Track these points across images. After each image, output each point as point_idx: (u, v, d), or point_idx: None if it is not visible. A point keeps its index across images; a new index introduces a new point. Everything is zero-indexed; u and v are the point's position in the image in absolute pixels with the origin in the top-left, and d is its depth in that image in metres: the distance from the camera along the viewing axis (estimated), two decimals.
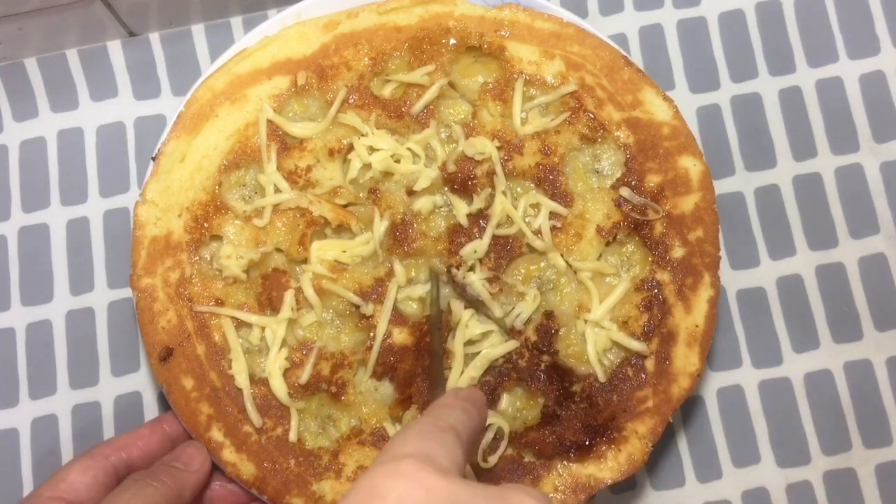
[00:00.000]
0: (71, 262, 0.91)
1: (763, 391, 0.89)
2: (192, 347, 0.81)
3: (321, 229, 0.83)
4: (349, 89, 0.85)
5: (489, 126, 0.85)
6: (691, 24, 0.96)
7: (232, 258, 0.82)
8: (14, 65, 0.95)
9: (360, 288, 0.82)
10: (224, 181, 0.84)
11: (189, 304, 0.82)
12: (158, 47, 0.95)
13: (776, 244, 0.91)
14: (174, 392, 0.81)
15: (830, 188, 0.92)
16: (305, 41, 0.86)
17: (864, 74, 0.95)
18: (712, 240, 0.83)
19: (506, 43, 0.85)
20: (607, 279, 0.83)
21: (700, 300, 0.82)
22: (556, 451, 0.79)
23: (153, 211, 0.83)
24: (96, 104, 0.95)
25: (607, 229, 0.83)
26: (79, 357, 0.90)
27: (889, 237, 0.92)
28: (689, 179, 0.83)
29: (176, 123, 0.84)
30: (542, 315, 0.82)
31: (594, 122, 0.84)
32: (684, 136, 0.84)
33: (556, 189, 0.83)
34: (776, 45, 0.95)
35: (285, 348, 0.81)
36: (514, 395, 0.82)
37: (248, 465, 0.79)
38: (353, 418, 0.81)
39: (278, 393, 0.80)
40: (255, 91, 0.85)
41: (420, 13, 0.86)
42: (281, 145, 0.84)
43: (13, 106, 0.95)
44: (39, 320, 0.90)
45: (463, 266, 0.82)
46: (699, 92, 0.94)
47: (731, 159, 0.93)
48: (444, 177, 0.84)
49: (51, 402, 0.89)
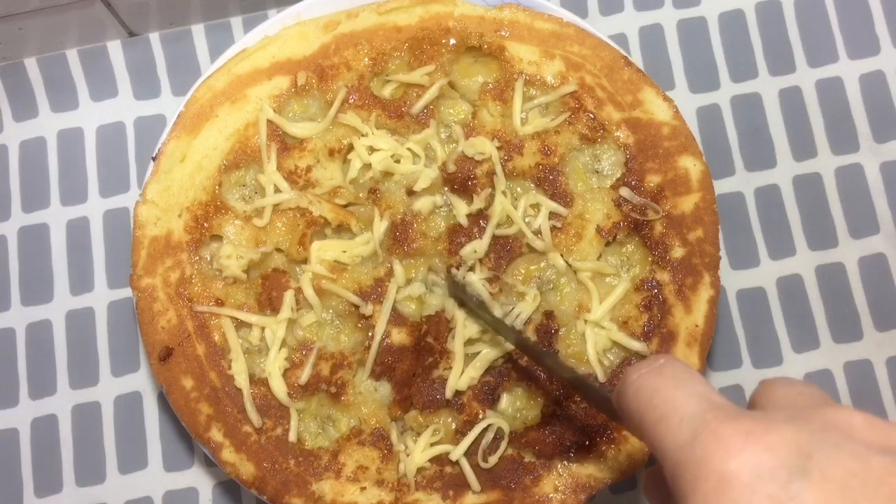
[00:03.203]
0: (71, 262, 0.91)
1: None
2: (191, 347, 0.81)
3: (321, 229, 0.83)
4: (349, 89, 0.85)
5: (489, 126, 0.85)
6: (691, 24, 0.96)
7: (232, 258, 0.82)
8: (14, 65, 0.95)
9: (360, 288, 0.82)
10: (224, 181, 0.84)
11: (189, 304, 0.82)
12: (158, 47, 0.95)
13: (776, 244, 0.91)
14: (174, 392, 0.81)
15: (830, 188, 0.92)
16: (305, 41, 0.86)
17: (864, 74, 0.95)
18: (712, 240, 0.83)
19: (506, 43, 0.85)
20: (607, 279, 0.83)
21: (700, 300, 0.82)
22: (556, 451, 0.79)
23: (153, 211, 0.83)
24: (96, 104, 0.95)
25: (607, 229, 0.83)
26: (79, 357, 0.90)
27: (889, 237, 0.92)
28: (689, 179, 0.83)
29: (176, 123, 0.84)
30: (542, 315, 0.82)
31: (594, 123, 0.84)
32: (684, 136, 0.84)
33: (556, 189, 0.83)
34: (776, 45, 0.95)
35: (285, 348, 0.81)
36: (514, 396, 0.82)
37: (247, 466, 0.79)
38: (352, 418, 0.81)
39: (278, 393, 0.80)
40: (255, 91, 0.85)
41: (420, 13, 0.86)
42: (281, 145, 0.84)
43: (13, 106, 0.95)
44: (39, 320, 0.90)
45: (463, 266, 0.82)
46: (699, 92, 0.94)
47: (731, 159, 0.93)
48: (444, 177, 0.84)
49: (51, 402, 0.89)
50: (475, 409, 0.80)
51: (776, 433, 0.42)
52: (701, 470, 0.42)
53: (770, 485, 0.40)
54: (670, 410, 0.47)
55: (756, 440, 0.42)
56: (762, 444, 0.42)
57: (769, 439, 0.42)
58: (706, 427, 0.44)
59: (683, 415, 0.46)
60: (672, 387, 0.48)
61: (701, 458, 0.43)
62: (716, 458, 0.42)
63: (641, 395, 0.49)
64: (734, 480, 0.41)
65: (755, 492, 0.40)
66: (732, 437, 0.42)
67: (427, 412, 0.80)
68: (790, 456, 0.41)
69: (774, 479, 0.40)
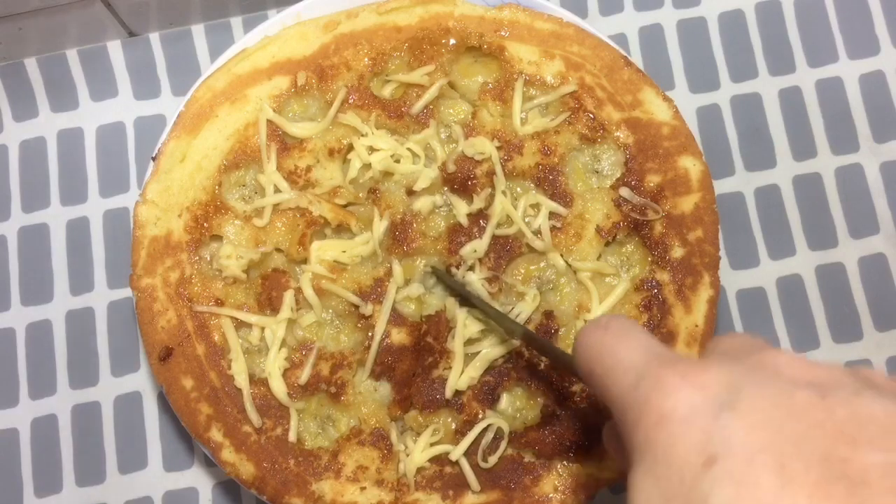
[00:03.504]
0: (71, 262, 0.91)
1: None
2: (191, 347, 0.81)
3: (321, 229, 0.83)
4: (349, 89, 0.85)
5: (489, 126, 0.85)
6: (691, 24, 0.96)
7: (232, 258, 0.82)
8: (14, 65, 0.95)
9: (360, 288, 0.82)
10: (224, 181, 0.84)
11: (189, 304, 0.82)
12: (158, 47, 0.95)
13: (776, 244, 0.91)
14: (174, 392, 0.81)
15: (830, 188, 0.92)
16: (305, 41, 0.86)
17: (864, 74, 0.95)
18: (712, 240, 0.83)
19: (506, 43, 0.85)
20: (607, 279, 0.83)
21: (700, 300, 0.82)
22: (557, 451, 0.79)
23: (153, 211, 0.83)
24: (96, 104, 0.95)
25: (607, 229, 0.83)
26: (79, 357, 0.90)
27: (889, 237, 0.92)
28: (688, 179, 0.83)
29: (176, 123, 0.84)
30: (542, 315, 0.82)
31: (594, 123, 0.84)
32: (684, 136, 0.84)
33: (556, 189, 0.83)
34: (776, 45, 0.95)
35: (285, 348, 0.81)
36: (514, 396, 0.82)
37: (247, 465, 0.79)
38: (352, 418, 0.81)
39: (278, 393, 0.80)
40: (255, 91, 0.85)
41: (420, 13, 0.86)
42: (281, 145, 0.84)
43: (13, 106, 0.95)
44: (39, 320, 0.90)
45: (463, 266, 0.82)
46: (699, 92, 0.94)
47: (731, 159, 0.93)
48: (443, 177, 0.84)
49: (51, 402, 0.89)
50: (475, 409, 0.80)
51: (709, 373, 0.46)
52: (643, 410, 0.46)
53: (702, 418, 0.44)
54: (616, 361, 0.51)
55: (691, 380, 0.46)
56: (696, 384, 0.45)
57: (703, 378, 0.46)
58: (648, 372, 0.48)
59: (628, 364, 0.50)
60: (616, 341, 0.52)
61: (643, 399, 0.47)
62: (655, 398, 0.46)
63: (591, 351, 0.53)
64: (672, 416, 0.45)
65: (690, 425, 0.44)
66: (670, 377, 0.46)
67: (427, 412, 0.80)
68: (721, 392, 0.44)
69: (706, 413, 0.44)
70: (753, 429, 0.42)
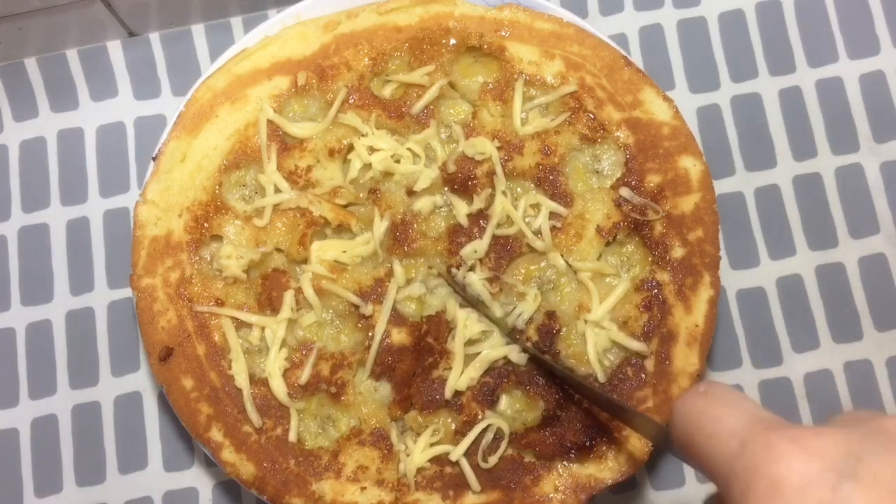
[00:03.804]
0: (71, 262, 0.91)
1: (763, 391, 0.89)
2: (191, 347, 0.81)
3: (321, 229, 0.83)
4: (349, 89, 0.85)
5: (489, 126, 0.85)
6: (691, 24, 0.96)
7: (232, 258, 0.82)
8: (14, 65, 0.95)
9: (360, 288, 0.82)
10: (224, 181, 0.84)
11: (189, 304, 0.82)
12: (158, 47, 0.95)
13: (776, 244, 0.91)
14: (174, 392, 0.81)
15: (830, 188, 0.92)
16: (305, 41, 0.86)
17: (864, 74, 0.95)
18: (712, 240, 0.83)
19: (506, 43, 0.85)
20: (607, 279, 0.83)
21: (700, 300, 0.82)
22: (557, 451, 0.79)
23: (153, 211, 0.83)
24: (96, 104, 0.95)
25: (607, 229, 0.83)
26: (79, 357, 0.90)
27: (889, 237, 0.92)
28: (689, 179, 0.83)
29: (176, 123, 0.84)
30: (543, 315, 0.82)
31: (594, 123, 0.84)
32: (684, 136, 0.84)
33: (556, 189, 0.83)
34: (776, 45, 0.95)
35: (285, 348, 0.81)
36: (513, 398, 0.82)
37: (247, 465, 0.79)
38: (352, 418, 0.81)
39: (278, 393, 0.80)
40: (256, 91, 0.85)
41: (420, 13, 0.86)
42: (281, 145, 0.84)
43: (13, 106, 0.95)
44: (39, 320, 0.90)
45: (463, 266, 0.82)
46: (699, 92, 0.94)
47: (731, 159, 0.93)
48: (444, 177, 0.84)
49: (51, 402, 0.89)
50: (474, 410, 0.80)
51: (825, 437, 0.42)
52: (751, 477, 0.43)
53: (820, 488, 0.40)
54: (719, 427, 0.47)
55: (804, 445, 0.42)
56: (811, 449, 0.42)
57: (818, 443, 0.42)
58: (755, 437, 0.44)
59: (732, 429, 0.46)
60: (718, 406, 0.49)
61: (751, 465, 0.43)
62: (764, 465, 0.42)
63: (689, 419, 0.50)
64: (784, 485, 0.41)
65: (805, 495, 0.40)
66: (780, 442, 0.43)
67: (427, 412, 0.80)
68: (839, 459, 0.41)
69: (824, 483, 0.40)
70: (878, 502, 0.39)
